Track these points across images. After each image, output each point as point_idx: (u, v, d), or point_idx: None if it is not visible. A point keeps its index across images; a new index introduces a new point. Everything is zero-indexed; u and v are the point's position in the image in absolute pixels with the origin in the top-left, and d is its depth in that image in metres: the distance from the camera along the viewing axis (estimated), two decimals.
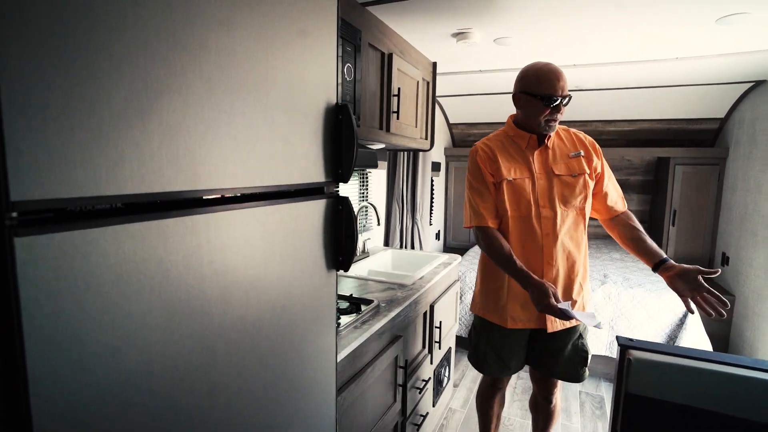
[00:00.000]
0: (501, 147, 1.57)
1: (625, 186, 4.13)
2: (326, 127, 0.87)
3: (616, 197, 1.61)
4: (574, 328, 1.60)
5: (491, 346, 1.65)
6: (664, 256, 1.47)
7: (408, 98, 2.02)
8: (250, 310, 0.70)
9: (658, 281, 2.75)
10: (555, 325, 1.56)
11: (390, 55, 1.79)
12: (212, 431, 0.64)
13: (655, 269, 1.48)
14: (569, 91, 1.75)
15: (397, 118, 1.90)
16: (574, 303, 1.59)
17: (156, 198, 0.53)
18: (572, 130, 1.63)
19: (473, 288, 2.35)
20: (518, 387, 2.67)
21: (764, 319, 2.64)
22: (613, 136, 3.93)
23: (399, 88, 1.87)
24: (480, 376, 1.86)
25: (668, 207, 3.56)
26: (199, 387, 0.61)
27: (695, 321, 2.51)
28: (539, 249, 1.53)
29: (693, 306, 1.39)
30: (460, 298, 2.62)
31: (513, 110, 1.64)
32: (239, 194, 0.67)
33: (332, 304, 0.97)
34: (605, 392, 2.63)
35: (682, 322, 2.51)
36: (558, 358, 1.60)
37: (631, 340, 1.54)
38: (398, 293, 1.73)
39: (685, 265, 1.40)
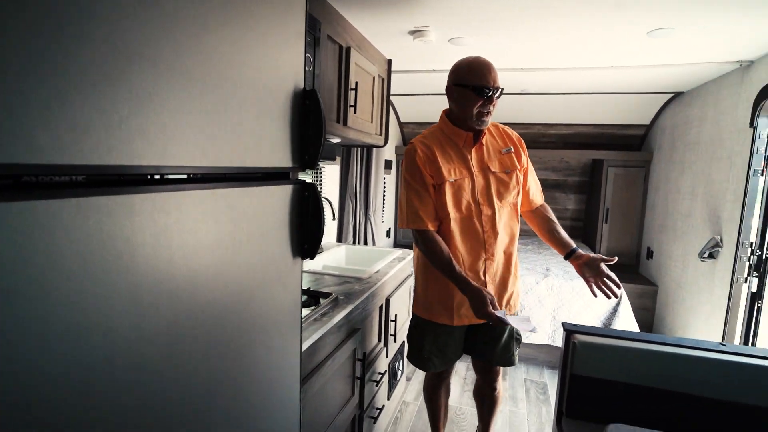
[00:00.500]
0: (439, 146, 1.57)
1: (563, 186, 4.41)
2: (294, 112, 0.85)
3: (536, 190, 1.71)
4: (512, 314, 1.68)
5: (437, 345, 1.67)
6: (574, 246, 1.62)
7: (364, 93, 2.02)
8: (218, 294, 0.67)
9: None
10: (504, 311, 1.63)
11: (348, 49, 1.79)
12: (179, 417, 0.61)
13: (566, 258, 1.62)
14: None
15: (354, 112, 1.90)
16: (510, 309, 1.67)
17: (124, 171, 0.49)
18: (500, 125, 1.67)
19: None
20: (468, 378, 2.76)
21: (682, 305, 2.92)
22: (553, 139, 4.18)
23: (356, 83, 1.87)
24: None
25: (602, 206, 3.84)
26: (167, 372, 0.58)
27: (626, 309, 2.74)
28: (481, 246, 1.58)
29: (596, 289, 1.54)
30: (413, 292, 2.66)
31: None
32: (209, 174, 0.64)
33: (297, 292, 0.95)
34: (548, 379, 2.79)
35: (615, 310, 2.72)
36: (497, 346, 1.68)
37: (575, 325, 1.66)
38: (355, 286, 1.73)
39: (591, 254, 1.56)
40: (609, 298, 1.54)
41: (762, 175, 2.22)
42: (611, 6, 1.68)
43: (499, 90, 1.47)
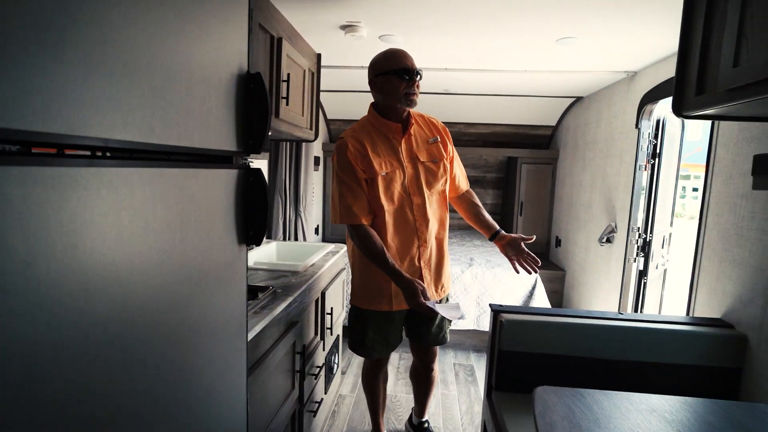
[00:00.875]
0: (369, 139, 1.60)
1: (482, 182, 4.71)
2: (239, 95, 0.83)
3: (461, 177, 1.83)
4: (441, 298, 1.80)
5: (379, 333, 1.73)
6: (498, 228, 1.77)
7: (296, 86, 2.00)
8: (168, 279, 0.64)
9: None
10: (439, 295, 1.76)
11: (279, 40, 1.76)
12: (127, 410, 0.58)
13: (491, 239, 1.78)
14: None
15: (287, 104, 1.87)
16: (444, 291, 1.79)
17: (70, 141, 0.46)
18: (425, 115, 1.74)
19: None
20: (401, 366, 2.85)
21: (585, 285, 3.29)
22: (473, 137, 4.45)
23: (288, 74, 1.84)
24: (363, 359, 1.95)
25: (516, 199, 4.18)
26: (113, 358, 0.54)
27: (540, 292, 3.01)
28: (414, 234, 1.66)
29: (518, 266, 1.72)
30: (344, 287, 2.68)
31: None
32: (157, 150, 0.61)
33: (243, 279, 0.93)
34: (474, 362, 2.98)
35: (531, 293, 2.99)
36: (432, 327, 1.79)
37: (501, 306, 1.80)
38: (292, 279, 1.71)
39: (512, 235, 1.72)
40: (529, 273, 1.71)
41: (645, 169, 2.58)
42: (525, 14, 1.85)
43: (419, 72, 1.55)
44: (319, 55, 2.36)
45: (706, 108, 1.36)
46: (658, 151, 2.54)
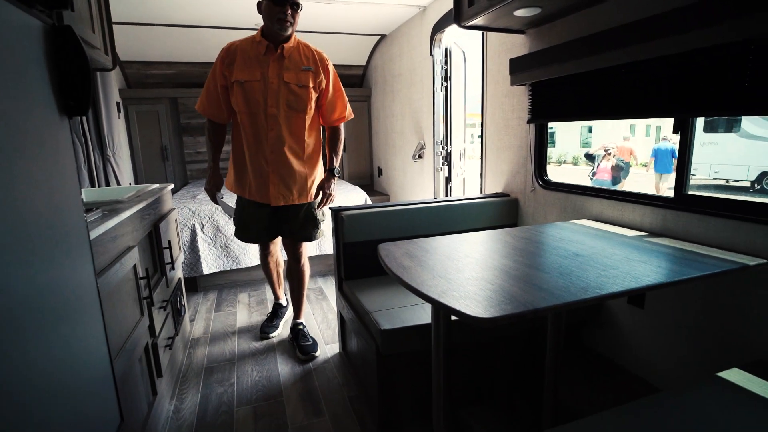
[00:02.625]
0: (243, 52, 1.85)
1: None
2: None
3: (331, 111, 2.05)
4: (304, 202, 2.05)
5: (248, 215, 2.07)
6: (331, 167, 2.09)
7: None
8: None
9: (354, 188, 3.49)
10: (278, 201, 2.00)
11: None
12: None
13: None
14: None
15: (72, 10, 1.58)
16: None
17: None
18: (313, 47, 1.96)
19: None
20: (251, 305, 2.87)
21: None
22: None
23: None
24: None
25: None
26: None
27: None
28: (265, 139, 1.90)
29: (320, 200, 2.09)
30: (177, 227, 2.51)
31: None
32: None
33: (70, 156, 0.85)
34: (322, 284, 3.19)
35: None
36: (294, 223, 2.07)
37: (339, 207, 1.99)
38: (118, 206, 1.54)
39: (327, 181, 2.08)
40: (319, 207, 2.11)
41: (441, 91, 3.06)
42: None
43: (297, 3, 1.78)
44: None
45: (475, 17, 1.72)
46: (448, 75, 3.03)
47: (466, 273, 1.10)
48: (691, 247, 1.31)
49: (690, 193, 1.44)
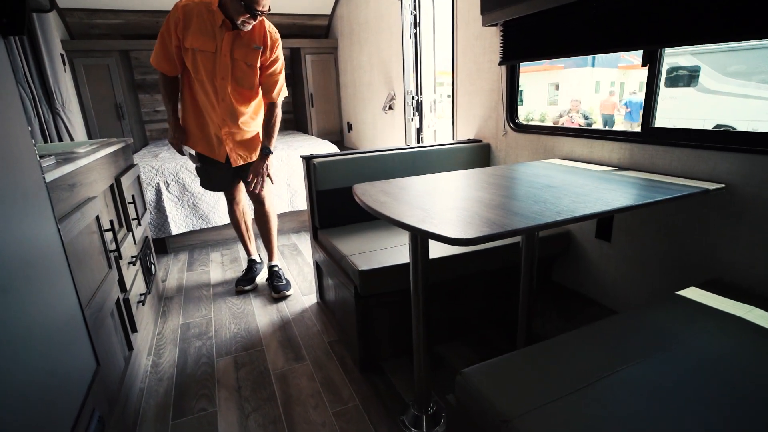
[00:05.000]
0: (199, 16, 1.82)
1: None
2: None
3: (267, 90, 2.05)
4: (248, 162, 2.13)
5: (207, 167, 2.13)
6: (267, 149, 2.05)
7: None
8: None
9: (324, 142, 3.40)
10: (238, 162, 2.08)
11: None
12: None
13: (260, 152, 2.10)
14: None
15: None
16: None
17: None
18: (267, 24, 1.95)
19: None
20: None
21: None
22: None
23: None
24: None
25: (306, 93, 4.27)
26: None
27: None
28: (215, 105, 1.97)
29: (251, 182, 2.09)
30: (140, 184, 2.39)
31: None
32: None
33: (11, 81, 0.77)
34: (296, 240, 3.17)
35: None
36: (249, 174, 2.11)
37: (311, 154, 1.94)
38: (71, 155, 1.44)
39: (257, 158, 2.08)
40: (255, 191, 2.12)
41: (411, 38, 2.97)
42: None
43: (264, 13, 1.79)
44: None
45: None
46: (418, 20, 2.93)
47: (442, 204, 1.10)
48: (657, 177, 1.36)
49: (656, 126, 1.48)
